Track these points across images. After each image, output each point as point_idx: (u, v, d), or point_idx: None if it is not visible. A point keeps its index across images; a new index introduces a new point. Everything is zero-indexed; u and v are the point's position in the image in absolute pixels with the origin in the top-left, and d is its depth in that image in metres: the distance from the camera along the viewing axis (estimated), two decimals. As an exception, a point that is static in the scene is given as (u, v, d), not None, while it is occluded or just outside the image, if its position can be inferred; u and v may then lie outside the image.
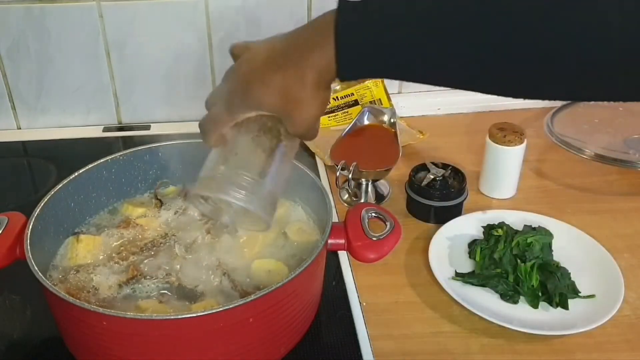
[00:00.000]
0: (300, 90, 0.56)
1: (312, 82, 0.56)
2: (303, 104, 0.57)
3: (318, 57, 0.55)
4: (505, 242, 0.89)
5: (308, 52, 0.55)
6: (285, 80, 0.56)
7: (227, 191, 0.61)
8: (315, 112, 0.59)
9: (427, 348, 0.79)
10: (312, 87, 0.56)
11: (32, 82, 1.23)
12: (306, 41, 0.56)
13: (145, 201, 0.90)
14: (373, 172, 1.01)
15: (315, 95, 0.57)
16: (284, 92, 0.57)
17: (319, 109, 0.59)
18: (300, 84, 0.56)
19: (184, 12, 1.19)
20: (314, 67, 0.55)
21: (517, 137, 1.00)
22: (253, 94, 0.58)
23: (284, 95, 0.57)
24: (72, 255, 0.78)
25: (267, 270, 0.77)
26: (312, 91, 0.56)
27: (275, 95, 0.57)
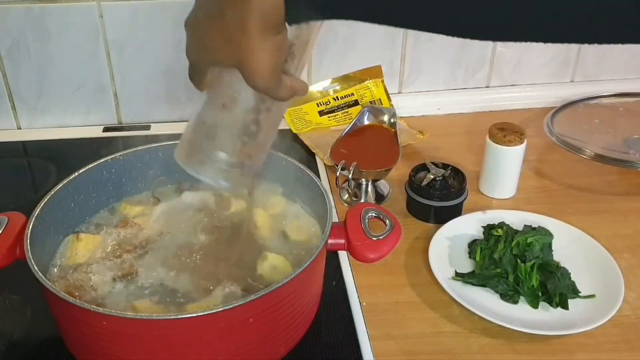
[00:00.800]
0: (243, 37, 0.51)
1: (256, 27, 0.51)
2: (254, 52, 0.52)
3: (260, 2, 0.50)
4: (505, 242, 0.89)
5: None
6: (226, 28, 0.51)
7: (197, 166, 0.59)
8: (268, 60, 0.53)
9: (427, 348, 0.79)
10: (258, 33, 0.51)
11: (32, 82, 1.23)
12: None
13: (142, 200, 0.90)
14: (373, 172, 1.01)
15: (263, 40, 0.51)
16: (227, 42, 0.52)
17: (272, 56, 0.53)
18: (241, 31, 0.51)
19: (184, 12, 1.18)
20: (256, 9, 0.50)
21: (517, 137, 1.00)
22: (200, 53, 0.55)
23: (230, 45, 0.52)
24: (72, 254, 0.78)
25: (273, 267, 0.77)
26: (259, 36, 0.51)
27: (220, 47, 0.53)
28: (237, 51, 0.52)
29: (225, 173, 0.59)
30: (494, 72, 1.34)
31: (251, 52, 0.52)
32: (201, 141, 0.59)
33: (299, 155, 1.12)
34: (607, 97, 1.29)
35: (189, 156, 0.60)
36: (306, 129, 1.24)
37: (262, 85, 0.55)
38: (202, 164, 0.59)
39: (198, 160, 0.59)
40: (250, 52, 0.52)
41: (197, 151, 0.59)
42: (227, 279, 0.75)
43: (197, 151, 0.59)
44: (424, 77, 1.33)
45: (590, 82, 1.36)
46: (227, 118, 0.59)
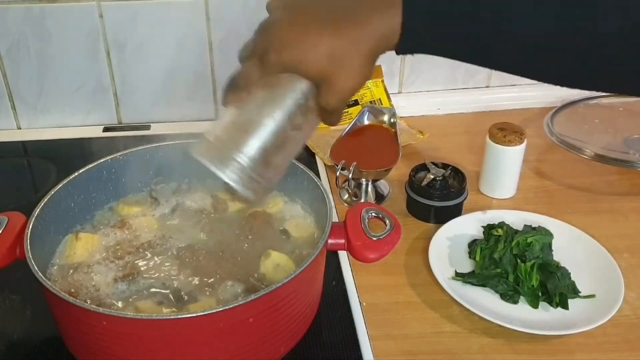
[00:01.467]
0: (351, 57, 0.51)
1: (367, 51, 0.51)
2: (349, 72, 0.51)
3: (380, 28, 0.50)
4: (505, 242, 0.89)
5: (368, 20, 0.50)
6: (337, 44, 0.50)
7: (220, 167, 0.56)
8: (357, 85, 0.53)
9: (427, 348, 0.79)
10: (366, 56, 0.51)
11: (32, 82, 1.23)
12: (368, 5, 0.50)
13: (140, 200, 0.90)
14: (373, 172, 1.01)
15: (365, 65, 0.51)
16: (331, 58, 0.51)
17: (362, 82, 0.53)
18: (353, 51, 0.50)
19: (184, 12, 1.19)
20: (374, 35, 0.50)
21: (517, 137, 1.00)
22: (293, 55, 0.52)
23: (332, 59, 0.51)
24: (70, 253, 0.78)
25: (276, 265, 0.77)
26: (364, 60, 0.51)
27: (321, 60, 0.51)
28: (338, 67, 0.51)
29: (247, 180, 0.57)
30: (494, 72, 1.33)
31: (352, 72, 0.52)
32: (231, 144, 0.57)
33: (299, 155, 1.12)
34: (607, 97, 1.29)
35: (213, 155, 0.57)
36: (306, 129, 1.24)
37: (335, 106, 0.54)
38: (226, 165, 0.56)
39: (223, 160, 0.56)
40: (350, 72, 0.52)
41: (224, 152, 0.57)
42: (229, 278, 0.75)
43: (224, 152, 0.57)
44: (424, 77, 1.33)
45: (590, 82, 1.36)
46: (267, 128, 0.57)
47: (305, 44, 0.51)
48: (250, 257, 0.79)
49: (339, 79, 0.52)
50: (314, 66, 0.52)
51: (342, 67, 0.51)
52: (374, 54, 0.51)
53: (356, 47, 0.51)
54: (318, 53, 0.51)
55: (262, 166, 0.57)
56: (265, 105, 0.56)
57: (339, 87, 0.53)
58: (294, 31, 0.52)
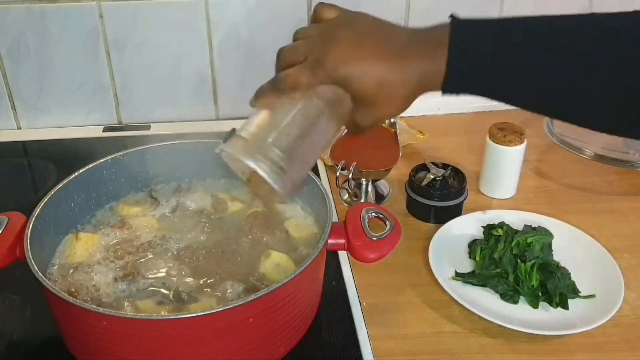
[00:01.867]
0: (399, 90, 0.56)
1: (412, 87, 0.56)
2: (392, 102, 0.57)
3: (428, 67, 0.55)
4: (505, 242, 0.89)
5: (420, 59, 0.56)
6: (390, 75, 0.56)
7: (257, 160, 0.59)
8: (394, 114, 0.59)
9: (427, 348, 0.79)
10: (410, 92, 0.57)
11: (32, 82, 1.23)
12: (420, 46, 0.56)
13: (140, 200, 0.90)
14: (373, 172, 1.01)
15: (407, 99, 0.57)
16: (382, 85, 0.56)
17: (399, 112, 0.59)
18: (402, 85, 0.56)
19: (184, 12, 1.19)
20: (421, 72, 0.55)
21: (517, 137, 1.00)
22: (349, 73, 0.56)
23: (381, 88, 0.56)
24: (70, 252, 0.78)
25: (276, 264, 0.77)
26: (407, 94, 0.57)
27: (372, 84, 0.56)
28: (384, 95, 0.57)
29: (279, 173, 0.60)
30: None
31: (394, 102, 0.57)
32: (267, 141, 0.60)
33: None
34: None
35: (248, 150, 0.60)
36: (306, 129, 1.24)
37: (368, 126, 0.60)
38: (263, 159, 0.59)
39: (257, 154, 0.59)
40: (393, 102, 0.57)
41: (259, 147, 0.60)
42: (229, 278, 0.75)
43: (259, 147, 0.60)
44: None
45: (590, 82, 1.35)
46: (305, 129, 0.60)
47: (363, 67, 0.56)
48: (250, 257, 0.79)
49: (380, 105, 0.57)
50: (364, 87, 0.56)
51: (387, 95, 0.57)
52: (418, 90, 0.57)
53: (404, 80, 0.56)
54: (372, 78, 0.56)
55: (294, 164, 0.60)
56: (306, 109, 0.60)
57: (378, 112, 0.58)
58: (354, 52, 0.56)
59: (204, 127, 1.28)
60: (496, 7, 1.27)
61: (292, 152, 0.60)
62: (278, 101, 0.60)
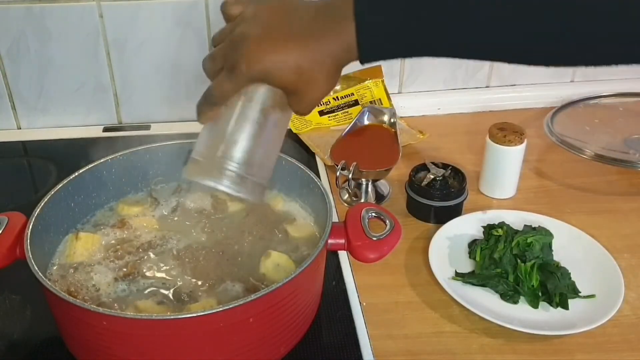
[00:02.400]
0: (317, 71, 0.56)
1: (330, 65, 0.55)
2: (316, 84, 0.56)
3: (339, 43, 0.54)
4: (505, 242, 0.89)
5: (328, 36, 0.55)
6: (303, 59, 0.55)
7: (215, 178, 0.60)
8: (325, 93, 0.58)
9: (427, 348, 0.79)
10: (330, 70, 0.56)
11: (32, 82, 1.23)
12: (326, 23, 0.55)
13: (140, 200, 0.90)
14: (373, 172, 1.01)
15: (331, 77, 0.56)
16: (299, 71, 0.55)
17: (328, 90, 0.58)
18: (318, 66, 0.55)
19: (184, 12, 1.19)
20: (334, 51, 0.55)
21: (517, 137, 1.00)
22: (263, 69, 0.56)
23: (299, 75, 0.56)
24: (70, 252, 0.78)
25: (276, 264, 0.77)
26: (328, 73, 0.56)
27: (289, 73, 0.56)
28: (305, 81, 0.56)
29: (242, 183, 0.61)
30: (493, 72, 1.34)
31: (318, 84, 0.57)
32: (218, 156, 0.61)
33: (299, 155, 1.12)
34: (607, 97, 1.29)
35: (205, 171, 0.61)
36: (306, 129, 1.24)
37: (305, 112, 0.60)
38: (219, 177, 0.60)
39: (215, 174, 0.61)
40: (317, 84, 0.57)
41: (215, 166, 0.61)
42: (229, 278, 0.76)
43: (214, 166, 0.61)
44: (424, 77, 1.33)
45: (590, 82, 1.36)
46: (247, 132, 0.61)
47: (274, 59, 0.55)
48: (250, 257, 0.79)
49: (306, 91, 0.57)
50: (283, 79, 0.56)
51: (308, 80, 0.56)
52: (336, 67, 0.56)
53: (319, 61, 0.55)
54: (286, 67, 0.55)
55: (251, 167, 0.61)
56: (242, 113, 0.61)
57: (307, 97, 0.58)
58: (263, 46, 0.56)
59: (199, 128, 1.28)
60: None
61: (246, 157, 0.61)
62: (217, 113, 0.61)
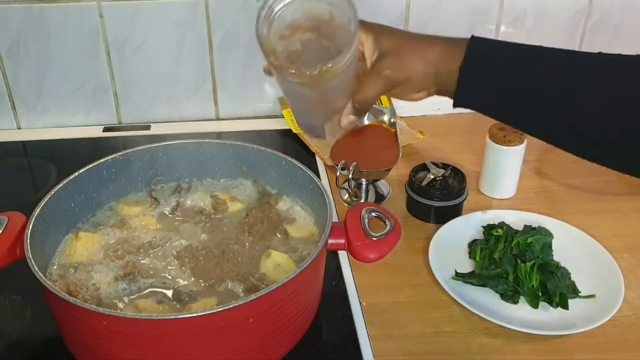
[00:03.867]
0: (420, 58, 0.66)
1: (432, 64, 0.66)
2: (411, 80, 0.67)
3: (448, 51, 0.66)
4: (505, 242, 0.89)
5: (443, 43, 0.67)
6: (417, 40, 0.68)
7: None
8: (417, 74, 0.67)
9: (427, 348, 0.79)
10: (429, 68, 0.66)
11: (32, 82, 1.23)
12: (444, 39, 0.67)
13: (140, 200, 0.90)
14: (373, 172, 1.01)
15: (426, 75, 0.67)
16: (412, 39, 0.68)
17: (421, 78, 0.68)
18: (424, 53, 0.67)
19: (184, 12, 1.19)
20: (442, 55, 0.66)
21: (517, 137, 1.00)
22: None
23: (411, 41, 0.68)
24: (70, 252, 0.78)
25: (277, 264, 0.77)
26: (426, 70, 0.66)
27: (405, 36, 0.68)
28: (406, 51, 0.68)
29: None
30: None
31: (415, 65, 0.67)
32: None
33: (299, 155, 1.12)
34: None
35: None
36: (306, 129, 1.24)
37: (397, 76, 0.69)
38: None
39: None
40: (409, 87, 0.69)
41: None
42: (229, 278, 0.75)
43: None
44: (424, 77, 1.33)
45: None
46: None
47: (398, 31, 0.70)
48: (250, 257, 0.79)
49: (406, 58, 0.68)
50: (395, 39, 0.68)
51: (411, 52, 0.68)
52: (431, 93, 0.70)
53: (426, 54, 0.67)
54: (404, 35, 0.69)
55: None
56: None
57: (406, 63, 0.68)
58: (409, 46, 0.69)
59: (204, 127, 1.28)
60: (496, 6, 1.26)
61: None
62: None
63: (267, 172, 0.89)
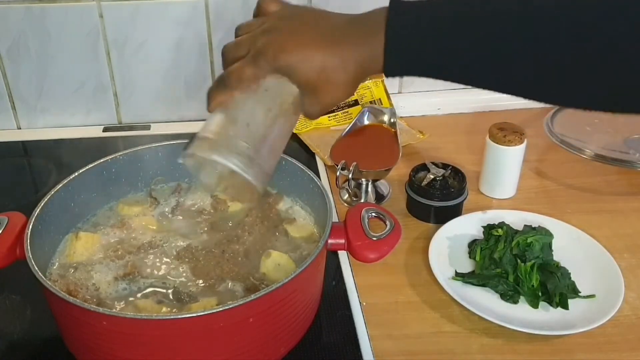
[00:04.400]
0: (339, 75, 0.57)
1: (353, 72, 0.57)
2: (334, 88, 0.58)
3: (366, 52, 0.56)
4: (505, 242, 0.89)
5: (357, 44, 0.57)
6: (329, 61, 0.57)
7: (224, 155, 0.59)
8: (340, 99, 0.59)
9: (427, 348, 0.79)
10: (351, 77, 0.57)
11: (32, 82, 1.23)
12: (357, 32, 0.57)
13: (140, 200, 0.90)
14: (373, 172, 1.01)
15: (350, 84, 0.58)
16: (322, 71, 0.57)
17: (344, 97, 0.60)
18: (342, 70, 0.57)
19: (184, 12, 1.19)
20: (360, 59, 0.57)
21: (517, 137, 1.00)
22: (289, 61, 0.57)
23: (321, 74, 0.57)
24: (70, 252, 0.78)
25: (277, 264, 0.77)
26: (349, 80, 0.58)
27: (313, 71, 0.57)
28: (325, 82, 0.58)
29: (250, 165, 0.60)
30: (494, 72, 1.33)
31: (337, 88, 0.58)
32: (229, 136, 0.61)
33: (299, 155, 1.12)
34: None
35: (213, 147, 0.61)
36: (306, 129, 1.24)
37: (318, 113, 0.61)
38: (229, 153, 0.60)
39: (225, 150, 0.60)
40: (336, 88, 0.58)
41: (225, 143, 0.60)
42: (229, 278, 0.76)
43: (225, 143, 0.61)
44: (424, 77, 1.33)
45: (590, 82, 1.36)
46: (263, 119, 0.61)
47: (302, 54, 0.57)
48: (250, 257, 0.79)
49: (323, 92, 0.58)
50: (305, 75, 0.57)
51: (328, 81, 0.57)
52: (359, 76, 0.58)
53: (344, 66, 0.57)
54: (311, 64, 0.57)
55: (260, 154, 0.61)
56: (259, 101, 0.60)
57: (322, 98, 0.59)
58: (294, 41, 0.58)
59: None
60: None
61: (257, 141, 0.60)
62: (230, 99, 0.61)
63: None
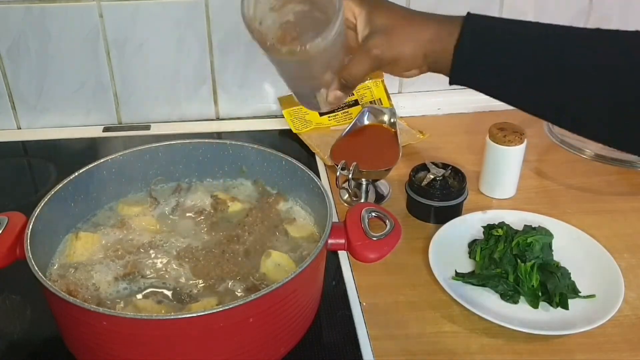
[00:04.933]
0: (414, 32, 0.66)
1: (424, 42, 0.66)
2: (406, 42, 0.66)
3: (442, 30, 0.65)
4: (505, 242, 0.89)
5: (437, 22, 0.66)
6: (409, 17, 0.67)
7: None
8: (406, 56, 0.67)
9: (427, 348, 0.79)
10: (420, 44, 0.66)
11: (32, 82, 1.23)
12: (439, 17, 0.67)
13: (140, 200, 0.90)
14: (373, 172, 1.01)
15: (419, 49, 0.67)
16: (404, 17, 0.67)
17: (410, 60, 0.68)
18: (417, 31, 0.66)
19: (184, 12, 1.19)
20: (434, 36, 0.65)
21: (517, 137, 1.00)
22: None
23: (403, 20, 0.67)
24: (70, 252, 0.78)
25: (277, 264, 0.77)
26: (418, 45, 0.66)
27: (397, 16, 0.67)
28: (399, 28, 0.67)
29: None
30: (494, 72, 1.33)
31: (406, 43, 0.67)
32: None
33: (299, 155, 1.12)
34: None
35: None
36: (306, 129, 1.24)
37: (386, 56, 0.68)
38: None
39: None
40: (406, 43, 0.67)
41: None
42: (229, 278, 0.75)
43: None
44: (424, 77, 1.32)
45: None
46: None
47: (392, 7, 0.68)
48: (250, 257, 0.79)
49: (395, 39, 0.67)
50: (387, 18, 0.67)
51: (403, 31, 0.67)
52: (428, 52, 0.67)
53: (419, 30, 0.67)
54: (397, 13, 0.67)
55: None
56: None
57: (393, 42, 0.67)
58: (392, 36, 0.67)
59: (204, 127, 1.28)
60: (496, 6, 1.27)
61: None
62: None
63: (267, 172, 0.89)
